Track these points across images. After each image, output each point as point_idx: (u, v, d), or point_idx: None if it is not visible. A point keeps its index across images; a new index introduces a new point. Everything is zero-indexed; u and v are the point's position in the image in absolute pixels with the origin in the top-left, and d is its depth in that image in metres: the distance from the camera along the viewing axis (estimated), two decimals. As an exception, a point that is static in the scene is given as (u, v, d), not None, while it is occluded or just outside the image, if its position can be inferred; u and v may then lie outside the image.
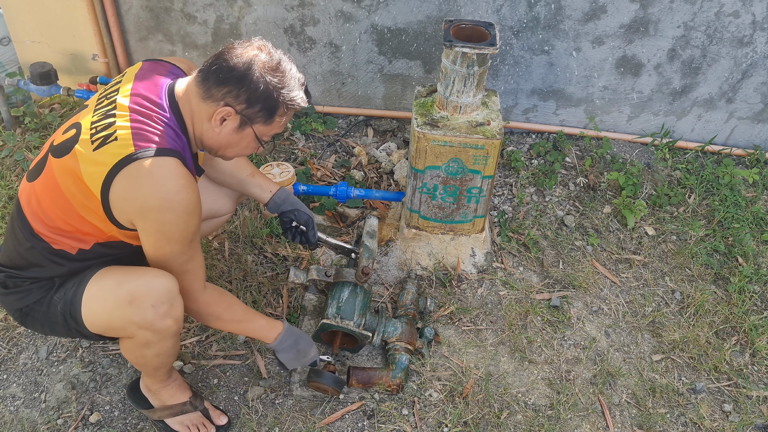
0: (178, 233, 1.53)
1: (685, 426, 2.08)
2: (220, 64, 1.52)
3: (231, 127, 1.57)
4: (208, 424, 1.94)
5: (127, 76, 1.66)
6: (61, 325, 1.68)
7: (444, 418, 2.03)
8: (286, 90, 1.55)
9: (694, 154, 3.01)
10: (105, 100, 1.61)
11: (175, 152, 1.51)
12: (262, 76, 1.52)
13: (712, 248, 2.62)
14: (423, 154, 2.22)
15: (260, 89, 1.52)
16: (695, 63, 2.79)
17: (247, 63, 1.51)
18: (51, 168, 1.57)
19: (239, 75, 1.51)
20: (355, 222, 2.65)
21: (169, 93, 1.59)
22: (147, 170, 1.46)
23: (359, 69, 2.94)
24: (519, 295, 2.41)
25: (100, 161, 1.48)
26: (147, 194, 1.47)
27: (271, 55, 1.55)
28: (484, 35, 2.13)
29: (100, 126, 1.53)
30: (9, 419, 1.97)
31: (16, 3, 2.84)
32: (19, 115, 2.95)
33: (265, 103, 1.54)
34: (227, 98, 1.53)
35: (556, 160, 2.91)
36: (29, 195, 1.61)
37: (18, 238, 1.64)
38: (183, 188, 1.49)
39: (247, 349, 2.18)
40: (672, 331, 2.33)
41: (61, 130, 1.64)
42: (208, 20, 2.84)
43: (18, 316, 1.74)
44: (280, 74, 1.54)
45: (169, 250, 1.56)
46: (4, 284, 1.70)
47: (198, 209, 1.55)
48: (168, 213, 1.49)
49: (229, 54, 1.53)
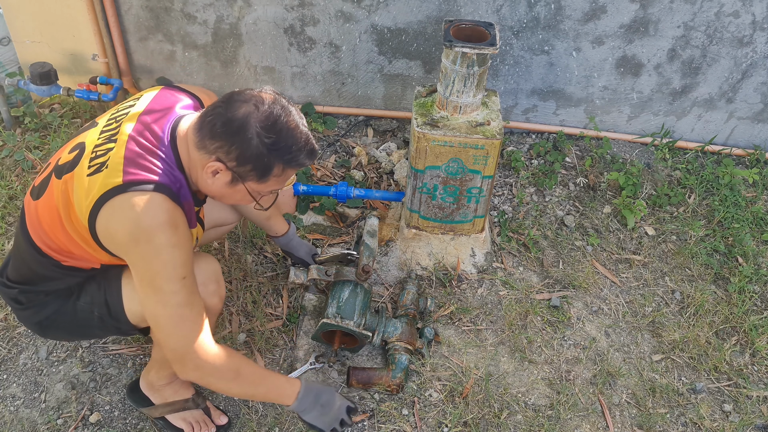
0: (162, 267, 1.43)
1: (685, 426, 2.08)
2: (216, 114, 1.45)
3: (223, 181, 1.50)
4: (208, 422, 1.95)
5: (142, 99, 1.61)
6: (96, 327, 1.67)
7: (444, 418, 2.03)
8: (282, 151, 1.46)
9: (694, 154, 3.01)
10: (113, 123, 1.56)
11: (164, 187, 1.44)
12: (257, 136, 1.42)
13: (712, 248, 2.62)
14: (423, 154, 2.22)
15: (252, 149, 1.43)
16: (695, 63, 2.79)
17: (243, 119, 1.42)
18: (52, 188, 1.53)
19: (232, 131, 1.42)
20: (355, 222, 2.65)
21: (173, 129, 1.53)
22: (129, 203, 1.40)
23: (359, 69, 2.94)
24: (519, 295, 2.41)
25: (90, 189, 1.43)
26: (127, 227, 1.40)
27: (272, 110, 1.45)
28: (484, 35, 2.13)
29: (101, 151, 1.49)
30: (9, 419, 1.97)
31: (16, 3, 2.84)
32: (19, 115, 2.95)
33: (256, 162, 1.45)
34: (218, 153, 1.45)
35: (556, 160, 2.91)
36: (32, 213, 1.58)
37: (26, 254, 1.60)
38: (165, 223, 1.41)
39: (247, 349, 2.18)
40: (672, 331, 2.33)
41: (67, 147, 1.59)
42: (208, 20, 2.84)
43: (38, 329, 1.71)
44: (276, 133, 1.44)
45: (158, 286, 1.44)
46: (17, 300, 1.66)
47: (185, 243, 1.46)
48: (148, 246, 1.41)
49: (228, 105, 1.45)
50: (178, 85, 1.72)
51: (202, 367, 1.51)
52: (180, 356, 1.50)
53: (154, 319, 1.49)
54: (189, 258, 1.47)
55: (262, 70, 2.98)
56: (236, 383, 1.57)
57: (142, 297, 1.49)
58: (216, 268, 1.73)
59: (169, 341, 1.50)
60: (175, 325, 1.48)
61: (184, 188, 1.53)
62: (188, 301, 1.48)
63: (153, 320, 1.50)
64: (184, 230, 1.48)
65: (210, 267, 1.71)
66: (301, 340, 2.21)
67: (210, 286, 1.69)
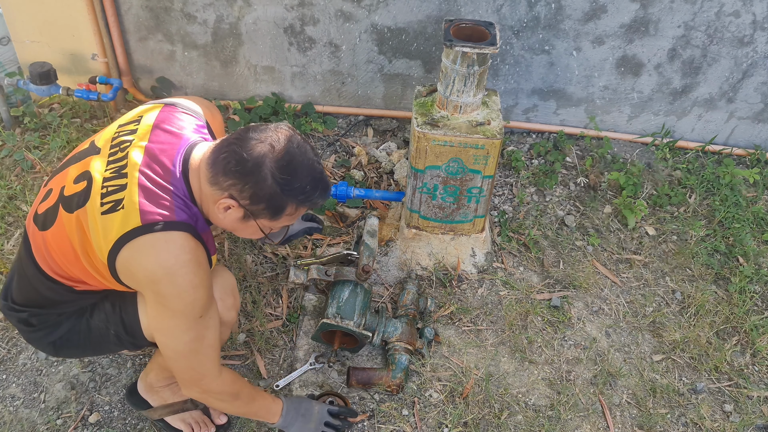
0: (183, 307, 1.45)
1: (686, 426, 2.07)
2: (231, 152, 1.44)
3: (235, 217, 1.50)
4: (208, 422, 1.95)
5: (144, 123, 1.58)
6: (112, 343, 1.68)
7: (444, 418, 2.03)
8: (296, 191, 1.47)
9: (695, 153, 3.00)
10: (118, 151, 1.52)
11: (184, 224, 1.45)
12: (271, 176, 1.43)
13: (713, 248, 2.62)
14: (423, 154, 2.22)
15: (266, 189, 1.44)
16: (695, 63, 2.79)
17: (258, 159, 1.42)
18: (62, 221, 1.51)
19: (246, 171, 1.43)
20: (355, 222, 2.65)
21: (184, 161, 1.51)
22: (151, 245, 1.41)
23: (359, 69, 2.94)
24: (519, 295, 2.40)
25: (108, 229, 1.43)
26: (149, 268, 1.41)
27: (287, 150, 1.45)
28: (485, 35, 2.13)
29: (112, 187, 1.46)
30: (9, 419, 1.97)
31: (15, 3, 2.84)
32: (18, 115, 2.95)
33: (270, 202, 1.47)
34: (231, 190, 1.45)
35: (557, 159, 2.91)
36: (39, 243, 1.55)
37: (35, 280, 1.58)
38: (188, 263, 1.43)
39: (247, 349, 2.17)
40: (672, 331, 2.32)
41: (70, 174, 1.55)
42: (208, 20, 2.84)
43: (51, 350, 1.70)
44: (291, 174, 1.45)
45: (174, 325, 1.48)
46: (27, 323, 1.64)
47: (206, 282, 1.48)
48: (170, 287, 1.42)
49: (243, 143, 1.44)
50: (178, 102, 1.68)
51: (208, 392, 1.62)
52: (186, 382, 1.59)
53: (165, 349, 1.54)
54: (209, 296, 1.50)
55: (262, 70, 2.98)
56: (234, 404, 1.69)
57: (155, 327, 1.51)
58: (232, 281, 1.76)
59: (178, 371, 1.58)
60: (185, 358, 1.53)
61: (201, 220, 1.54)
62: (201, 335, 1.52)
63: (164, 350, 1.54)
64: (206, 267, 1.49)
65: (227, 282, 1.74)
66: (301, 340, 2.20)
67: (228, 300, 1.72)
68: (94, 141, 1.61)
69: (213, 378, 1.58)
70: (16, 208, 2.58)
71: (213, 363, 1.57)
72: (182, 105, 1.67)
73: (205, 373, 1.56)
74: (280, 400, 1.83)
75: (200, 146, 1.55)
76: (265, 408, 1.78)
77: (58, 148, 2.81)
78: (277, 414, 1.80)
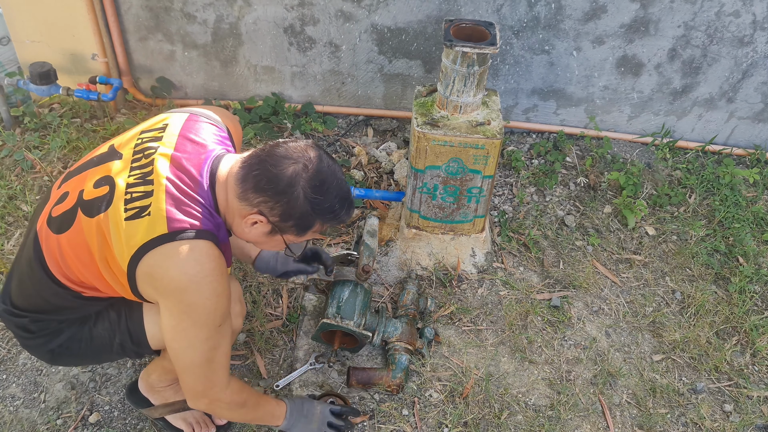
0: (205, 316, 1.46)
1: (686, 426, 2.07)
2: (263, 169, 1.45)
3: (261, 231, 1.52)
4: (209, 422, 1.95)
5: (170, 131, 1.57)
6: (115, 353, 1.67)
7: (444, 418, 2.03)
8: (326, 211, 1.50)
9: (695, 153, 3.00)
10: (142, 157, 1.51)
11: (209, 233, 1.45)
12: (303, 196, 1.45)
13: (713, 248, 2.62)
14: (423, 154, 2.22)
15: (298, 207, 1.46)
16: (695, 63, 2.79)
17: (291, 178, 1.44)
18: (81, 225, 1.48)
19: (279, 190, 1.44)
20: (355, 222, 2.65)
21: (211, 173, 1.52)
22: (177, 252, 1.41)
23: (359, 69, 2.94)
24: (519, 295, 2.40)
25: (131, 235, 1.42)
26: (174, 276, 1.41)
27: (319, 170, 1.47)
28: (485, 35, 2.13)
29: (137, 193, 1.45)
30: (9, 419, 1.97)
31: (16, 3, 2.84)
32: (18, 115, 2.95)
33: (299, 220, 1.49)
34: (262, 207, 1.46)
35: (557, 159, 2.91)
36: (53, 246, 1.52)
37: (41, 284, 1.55)
38: (212, 272, 1.43)
39: (247, 349, 2.17)
40: (672, 331, 2.32)
41: (89, 178, 1.53)
42: (208, 20, 2.84)
43: (48, 357, 1.68)
44: (323, 194, 1.47)
45: (193, 334, 1.48)
46: (26, 329, 1.62)
47: (226, 292, 1.49)
48: (194, 295, 1.43)
49: (275, 160, 1.45)
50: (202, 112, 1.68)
51: (216, 403, 1.61)
52: (196, 394, 1.58)
53: (180, 358, 1.52)
54: (228, 305, 1.51)
55: (262, 70, 2.98)
56: (239, 412, 1.69)
57: (172, 336, 1.50)
58: (239, 289, 1.79)
59: (189, 381, 1.56)
60: (200, 368, 1.53)
61: (223, 231, 1.54)
62: (217, 344, 1.52)
63: (179, 359, 1.53)
64: (227, 276, 1.50)
65: (235, 289, 1.75)
66: (301, 340, 2.20)
67: (236, 308, 1.73)
68: (114, 145, 1.59)
69: (222, 388, 1.58)
70: (16, 208, 2.58)
71: (224, 372, 1.57)
72: (206, 115, 1.68)
73: (216, 383, 1.56)
74: (283, 402, 1.83)
75: (227, 159, 1.55)
76: (270, 413, 1.79)
77: (58, 148, 2.81)
78: (281, 417, 1.80)
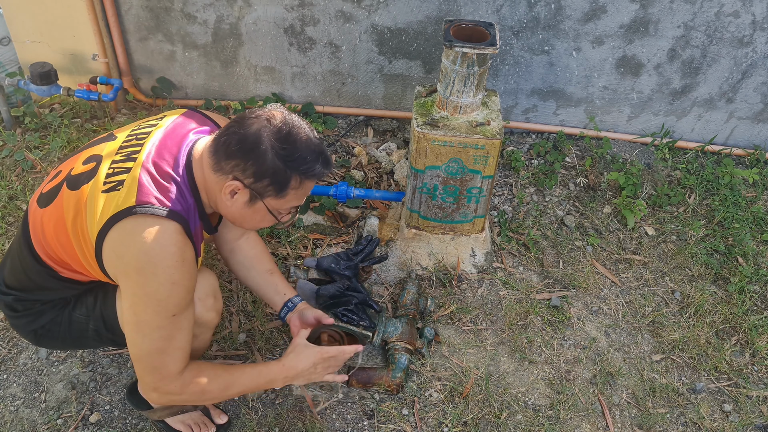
0: (157, 303, 1.42)
1: (685, 426, 2.08)
2: (230, 134, 1.45)
3: (242, 201, 1.50)
4: (208, 422, 1.95)
5: (165, 121, 1.61)
6: (92, 339, 1.67)
7: (444, 418, 2.03)
8: (297, 161, 1.46)
9: (694, 154, 3.01)
10: (134, 140, 1.54)
11: (178, 215, 1.44)
12: (271, 148, 1.43)
13: (712, 248, 2.62)
14: (423, 154, 2.22)
15: (268, 162, 1.44)
16: (695, 63, 2.79)
17: (256, 134, 1.43)
18: (62, 199, 1.50)
19: (247, 148, 1.43)
20: (355, 222, 2.65)
21: (189, 152, 1.53)
22: (141, 230, 1.39)
23: (359, 69, 2.94)
24: (519, 295, 2.41)
25: (103, 207, 1.42)
26: (133, 254, 1.39)
27: (283, 123, 1.46)
28: (484, 35, 2.13)
29: (119, 168, 1.47)
30: (9, 419, 1.97)
31: (16, 3, 2.84)
32: (19, 115, 2.95)
33: (274, 177, 1.46)
34: (235, 172, 1.45)
35: (556, 160, 2.91)
36: (36, 221, 1.55)
37: (25, 260, 1.58)
38: (172, 256, 1.41)
39: (247, 349, 2.18)
40: (672, 331, 2.33)
41: (81, 156, 1.57)
42: (208, 20, 2.84)
43: (32, 338, 1.70)
44: (291, 144, 1.45)
45: (144, 320, 1.44)
46: (12, 307, 1.65)
47: (186, 281, 1.45)
48: (149, 278, 1.40)
49: (240, 124, 1.45)
50: (201, 111, 1.70)
51: (168, 395, 1.54)
52: (146, 385, 1.54)
53: (131, 345, 1.50)
54: (186, 297, 1.47)
55: (262, 70, 2.98)
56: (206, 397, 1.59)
57: (125, 320, 1.48)
58: (213, 282, 1.70)
59: (139, 371, 1.53)
60: (150, 357, 1.48)
61: (195, 215, 1.53)
62: (170, 335, 1.47)
63: (130, 346, 1.50)
64: (191, 265, 1.47)
65: (208, 282, 1.68)
66: (301, 340, 2.20)
67: (208, 301, 1.67)
68: (113, 132, 1.63)
69: (172, 380, 1.51)
70: (17, 208, 2.58)
71: (177, 366, 1.51)
72: (206, 113, 1.70)
73: (165, 375, 1.50)
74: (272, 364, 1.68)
75: (202, 139, 1.57)
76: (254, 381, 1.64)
77: (59, 148, 2.81)
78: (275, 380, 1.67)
